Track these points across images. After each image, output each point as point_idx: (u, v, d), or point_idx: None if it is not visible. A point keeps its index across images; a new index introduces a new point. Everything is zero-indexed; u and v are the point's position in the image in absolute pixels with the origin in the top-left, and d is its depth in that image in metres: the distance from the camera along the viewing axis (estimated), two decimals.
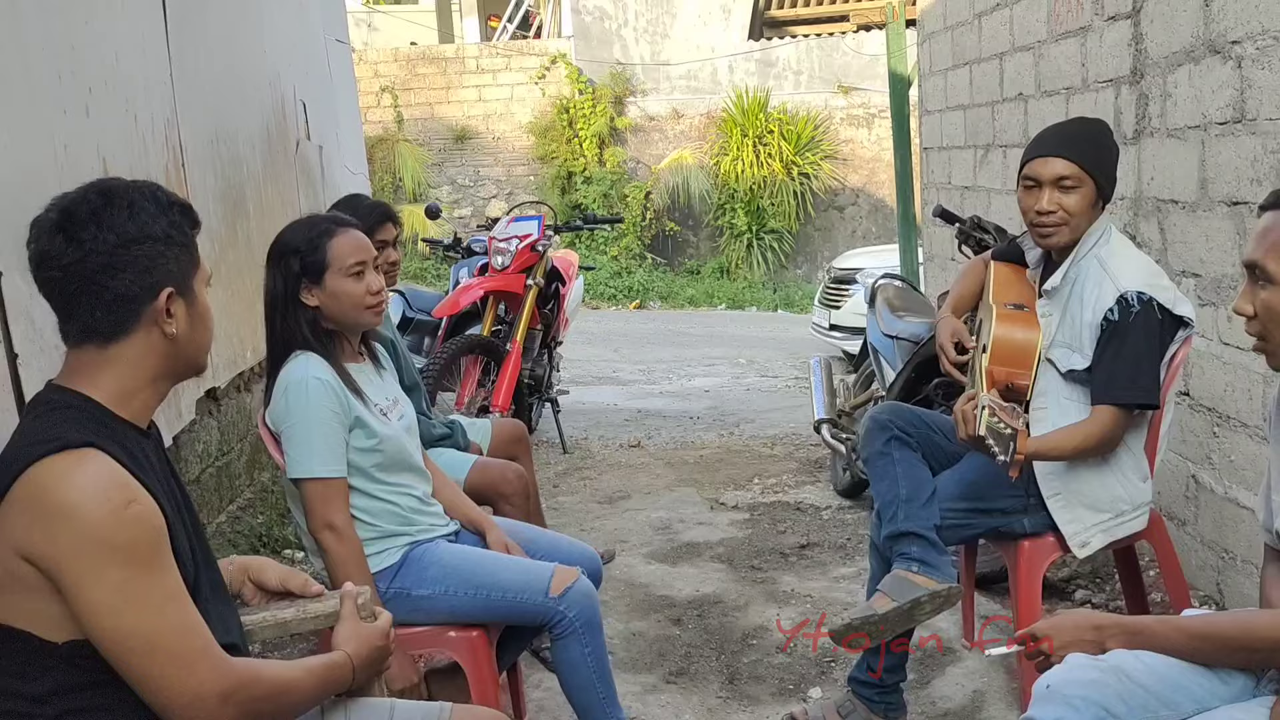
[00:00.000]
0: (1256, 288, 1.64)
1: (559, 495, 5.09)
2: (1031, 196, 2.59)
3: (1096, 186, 2.56)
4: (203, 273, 1.57)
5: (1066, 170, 2.54)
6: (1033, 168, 2.60)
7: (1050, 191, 2.56)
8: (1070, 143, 2.60)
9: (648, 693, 3.13)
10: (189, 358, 1.57)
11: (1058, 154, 2.57)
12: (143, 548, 1.38)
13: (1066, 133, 2.67)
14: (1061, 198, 2.55)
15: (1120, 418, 2.52)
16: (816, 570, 4.02)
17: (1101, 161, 2.58)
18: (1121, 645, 1.74)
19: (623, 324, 12.17)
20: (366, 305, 2.43)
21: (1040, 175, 2.57)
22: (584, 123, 14.24)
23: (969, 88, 5.16)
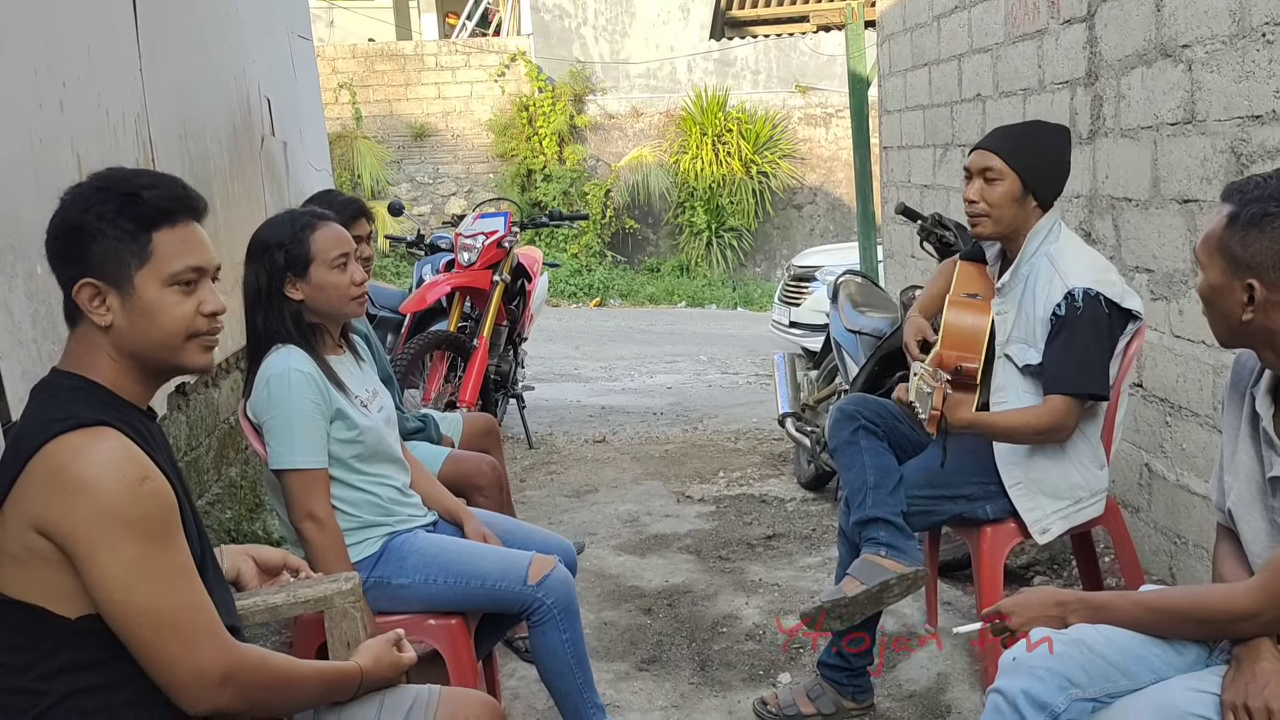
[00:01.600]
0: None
1: (526, 489, 5.13)
2: (967, 187, 2.72)
3: (1022, 184, 2.66)
4: (157, 269, 1.52)
5: (992, 163, 2.66)
6: (970, 159, 2.73)
7: (976, 181, 2.67)
8: (1004, 139, 2.72)
9: (621, 680, 3.19)
10: (142, 352, 1.54)
11: (988, 148, 2.69)
12: (156, 523, 1.42)
13: (1009, 131, 2.78)
14: (985, 189, 2.67)
15: (1070, 407, 2.61)
16: (783, 560, 4.10)
17: (1030, 160, 2.68)
18: (1083, 619, 1.82)
19: (583, 321, 12.22)
20: (351, 296, 2.47)
21: (972, 167, 2.71)
22: (544, 120, 14.25)
23: (928, 88, 5.27)
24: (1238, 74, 2.74)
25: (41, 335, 2.56)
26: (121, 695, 1.46)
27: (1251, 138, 2.71)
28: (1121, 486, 3.51)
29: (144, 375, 1.58)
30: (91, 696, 1.45)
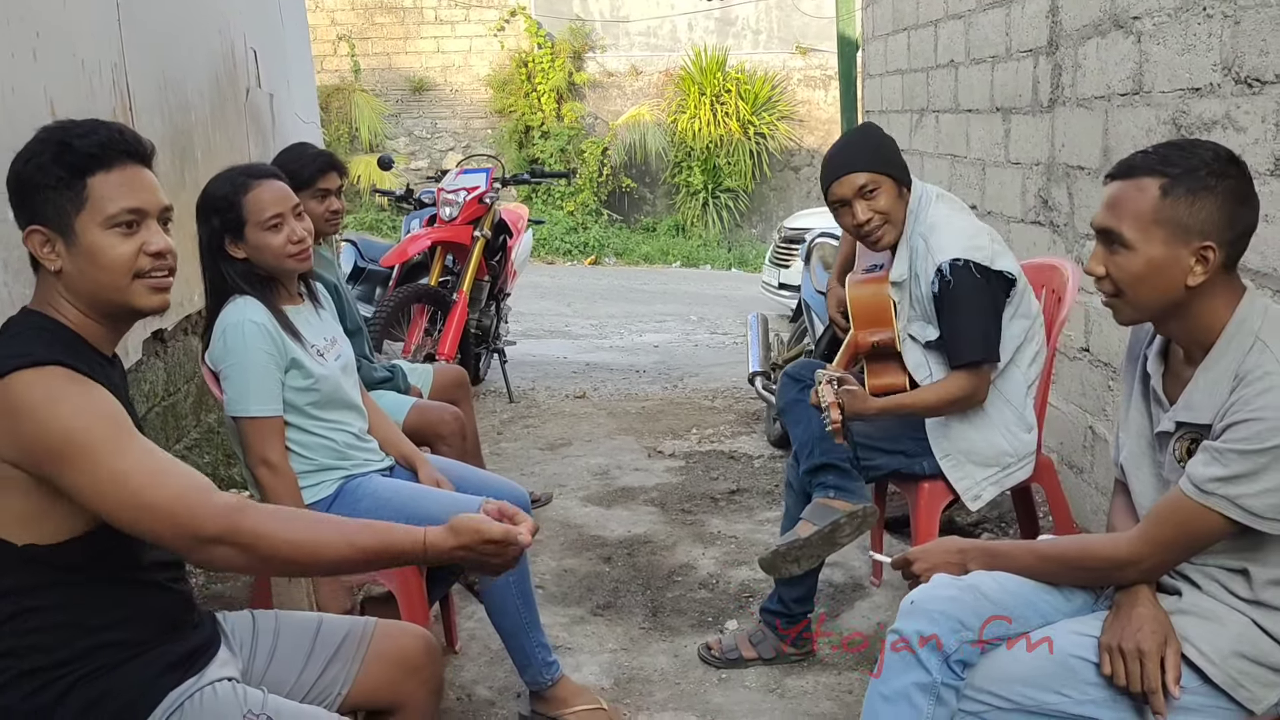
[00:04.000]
0: (1109, 251, 1.79)
1: (502, 442, 5.24)
2: (847, 215, 2.78)
3: (894, 180, 2.75)
4: (94, 213, 1.58)
5: (864, 180, 2.74)
6: (835, 191, 2.78)
7: (859, 203, 2.74)
8: (854, 155, 2.78)
9: (575, 624, 3.32)
10: (92, 294, 1.61)
11: (849, 169, 2.75)
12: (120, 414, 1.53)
13: (846, 149, 2.84)
14: (871, 204, 2.74)
15: (971, 376, 2.70)
16: (743, 514, 4.21)
17: (886, 158, 2.78)
18: (981, 566, 1.93)
19: (577, 279, 12.29)
20: (288, 254, 2.52)
21: (844, 194, 2.76)
22: (542, 77, 14.22)
23: (907, 53, 5.31)
24: (1181, 46, 2.80)
25: (13, 279, 2.66)
26: (58, 618, 1.57)
27: (1191, 109, 2.77)
28: (1068, 448, 3.61)
29: (102, 318, 1.65)
30: (32, 617, 1.56)
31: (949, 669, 1.80)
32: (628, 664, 3.07)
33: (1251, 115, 2.52)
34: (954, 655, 1.80)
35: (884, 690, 1.85)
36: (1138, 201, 1.74)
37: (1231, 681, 1.71)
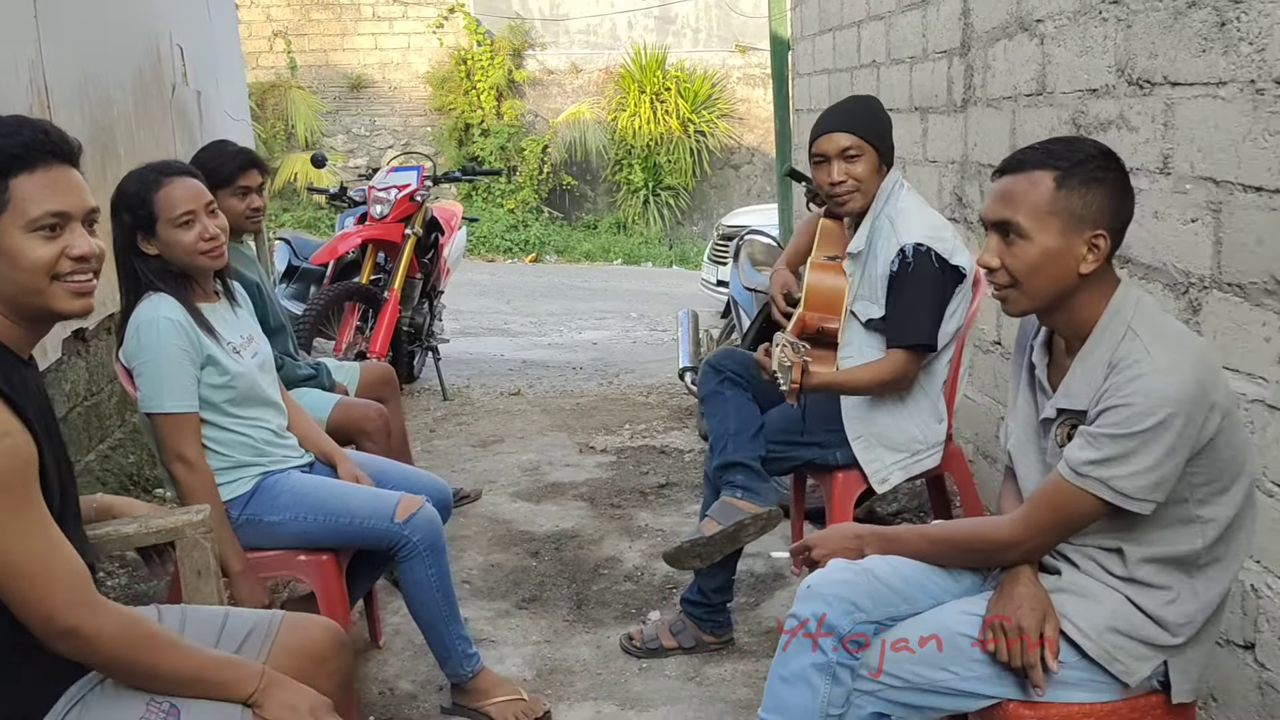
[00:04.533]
0: (1004, 243, 1.86)
1: (435, 439, 5.25)
2: (823, 171, 2.85)
3: (877, 153, 2.82)
4: (15, 216, 1.56)
5: (849, 142, 2.80)
6: (820, 145, 2.85)
7: (838, 163, 2.81)
8: (848, 117, 2.86)
9: (499, 617, 3.35)
10: (11, 296, 1.59)
11: (839, 129, 2.82)
12: (14, 479, 1.49)
13: (844, 110, 2.92)
14: (849, 167, 2.81)
15: (908, 359, 2.79)
16: (671, 507, 4.27)
17: (877, 131, 2.85)
18: (876, 551, 2.00)
19: (517, 277, 12.29)
20: (200, 251, 2.52)
21: (827, 150, 2.83)
22: (482, 74, 14.19)
23: (832, 53, 5.40)
24: (1079, 49, 2.90)
25: None
26: None
27: (1089, 109, 2.87)
28: (982, 438, 3.71)
29: (21, 320, 1.63)
30: None
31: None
32: (550, 655, 3.11)
33: (1143, 115, 2.62)
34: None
35: (783, 672, 1.91)
36: (1032, 194, 1.80)
37: (1107, 655, 1.79)
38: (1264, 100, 2.17)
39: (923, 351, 2.80)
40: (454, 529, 4.01)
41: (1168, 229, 2.55)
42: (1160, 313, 1.81)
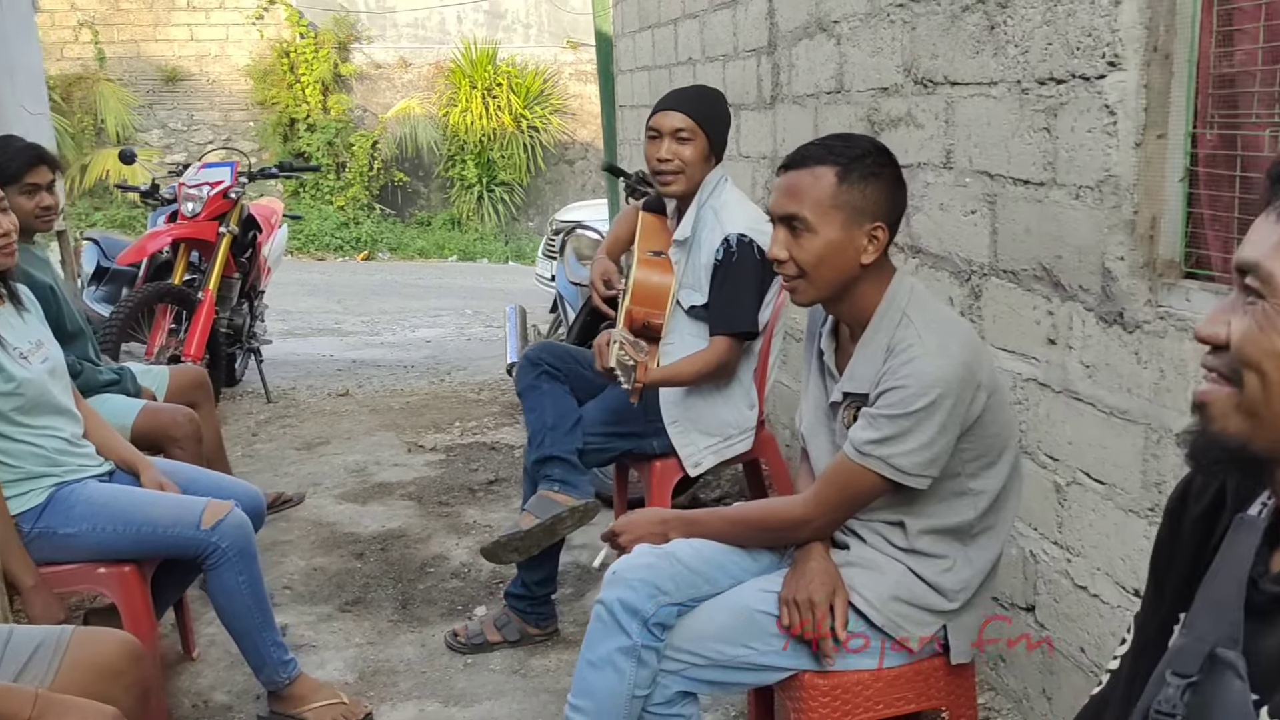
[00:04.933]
0: (792, 235, 1.94)
1: (257, 443, 5.10)
2: (654, 146, 2.91)
3: (708, 141, 2.89)
4: None
5: (683, 123, 2.87)
6: (656, 119, 2.91)
7: (669, 142, 2.87)
8: (688, 101, 2.93)
9: (321, 621, 3.29)
10: None
11: (676, 108, 2.89)
12: None
13: (687, 93, 3.00)
14: (678, 148, 2.87)
15: (731, 346, 2.88)
16: (500, 503, 4.27)
17: (713, 120, 2.92)
18: (680, 534, 2.06)
19: (349, 275, 12.02)
20: None
21: (661, 127, 2.89)
22: (306, 68, 13.78)
23: (651, 50, 5.49)
24: (871, 49, 3.04)
25: None
26: None
27: (881, 107, 3.02)
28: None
29: None
30: None
31: (649, 632, 1.92)
32: (374, 657, 3.07)
33: (928, 113, 2.77)
34: (652, 619, 1.92)
35: (590, 657, 1.95)
36: (816, 188, 1.88)
37: (891, 623, 1.90)
38: (1028, 99, 2.33)
39: (745, 339, 2.89)
40: (276, 534, 3.91)
41: (951, 220, 2.71)
42: (932, 299, 1.93)
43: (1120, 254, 2.09)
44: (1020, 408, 2.47)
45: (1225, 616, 0.97)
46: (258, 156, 13.36)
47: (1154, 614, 1.16)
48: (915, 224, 2.89)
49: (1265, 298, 0.90)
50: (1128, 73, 2.01)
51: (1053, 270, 2.30)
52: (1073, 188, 2.20)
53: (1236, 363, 0.91)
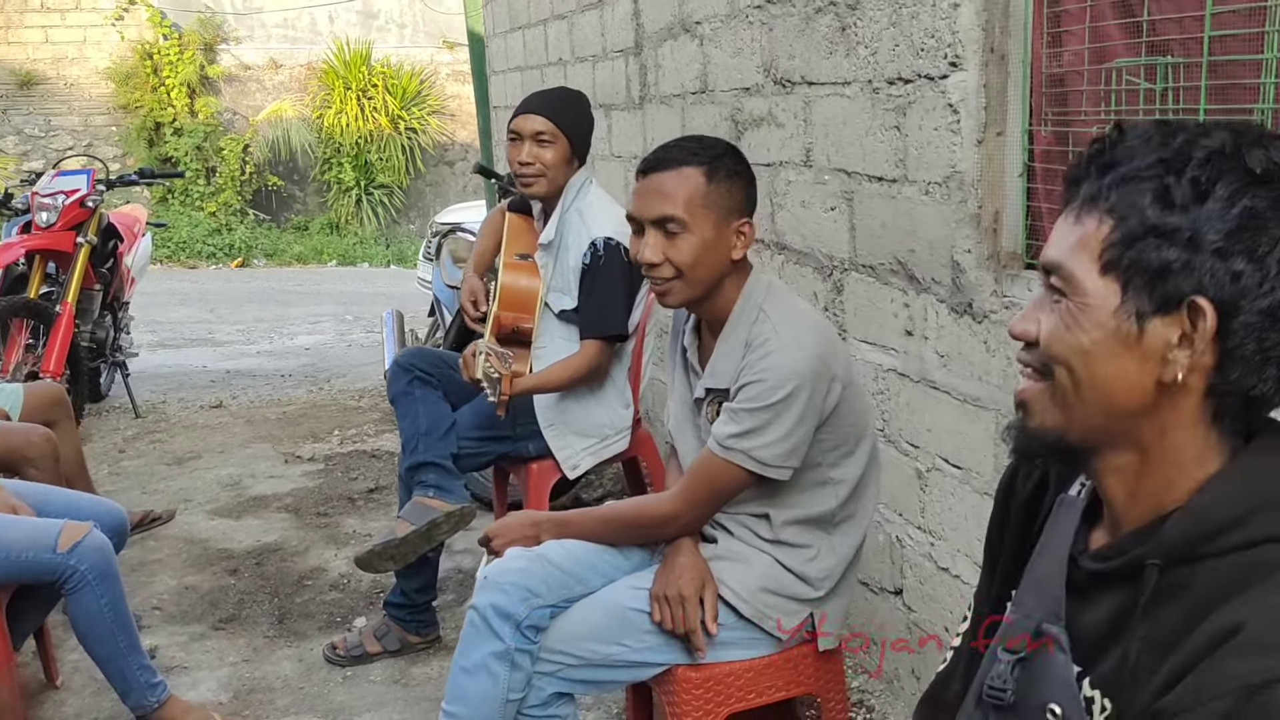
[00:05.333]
0: (665, 237, 1.93)
1: (124, 460, 4.92)
2: (515, 149, 2.91)
3: (570, 144, 2.90)
4: None
5: (544, 127, 2.87)
6: (516, 123, 2.91)
7: (529, 145, 2.87)
8: (549, 104, 2.94)
9: (193, 641, 3.20)
10: None
11: (536, 111, 2.89)
12: None
13: (547, 96, 3.01)
14: (539, 151, 2.88)
15: (602, 349, 2.89)
16: (381, 511, 4.21)
17: (573, 124, 2.93)
18: (553, 536, 2.06)
19: (223, 283, 11.67)
20: None
21: (521, 130, 2.89)
22: (170, 70, 13.31)
23: (523, 51, 5.48)
24: (733, 50, 3.09)
25: None
26: None
27: (744, 107, 3.07)
28: None
29: None
30: None
31: (522, 635, 1.92)
32: (249, 675, 3.00)
33: (787, 112, 2.83)
34: (525, 622, 1.93)
35: (464, 663, 1.95)
36: (686, 188, 1.90)
37: (759, 614, 1.94)
38: (879, 98, 2.40)
39: (615, 341, 2.90)
40: (144, 553, 3.79)
41: (813, 217, 2.77)
42: (788, 295, 1.98)
43: (967, 247, 2.17)
44: (882, 397, 2.55)
45: (1049, 593, 1.03)
46: (122, 162, 12.88)
47: (988, 593, 1.21)
48: (779, 221, 2.95)
49: (1068, 296, 0.95)
50: (968, 73, 2.10)
51: (907, 264, 2.38)
52: (922, 184, 2.28)
53: (1046, 358, 0.96)
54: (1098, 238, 0.93)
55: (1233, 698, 0.80)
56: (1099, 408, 0.95)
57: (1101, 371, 0.93)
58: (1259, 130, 0.92)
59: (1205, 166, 0.89)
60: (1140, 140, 0.93)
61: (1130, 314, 0.91)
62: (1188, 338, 0.90)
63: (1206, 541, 0.90)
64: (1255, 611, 0.84)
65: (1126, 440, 0.96)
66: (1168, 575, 0.92)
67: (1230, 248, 0.88)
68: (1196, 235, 0.88)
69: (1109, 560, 0.98)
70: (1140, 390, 0.93)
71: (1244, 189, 0.88)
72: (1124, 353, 0.92)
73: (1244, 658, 0.81)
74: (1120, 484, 0.98)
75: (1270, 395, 0.92)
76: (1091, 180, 0.96)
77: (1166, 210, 0.89)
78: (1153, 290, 0.90)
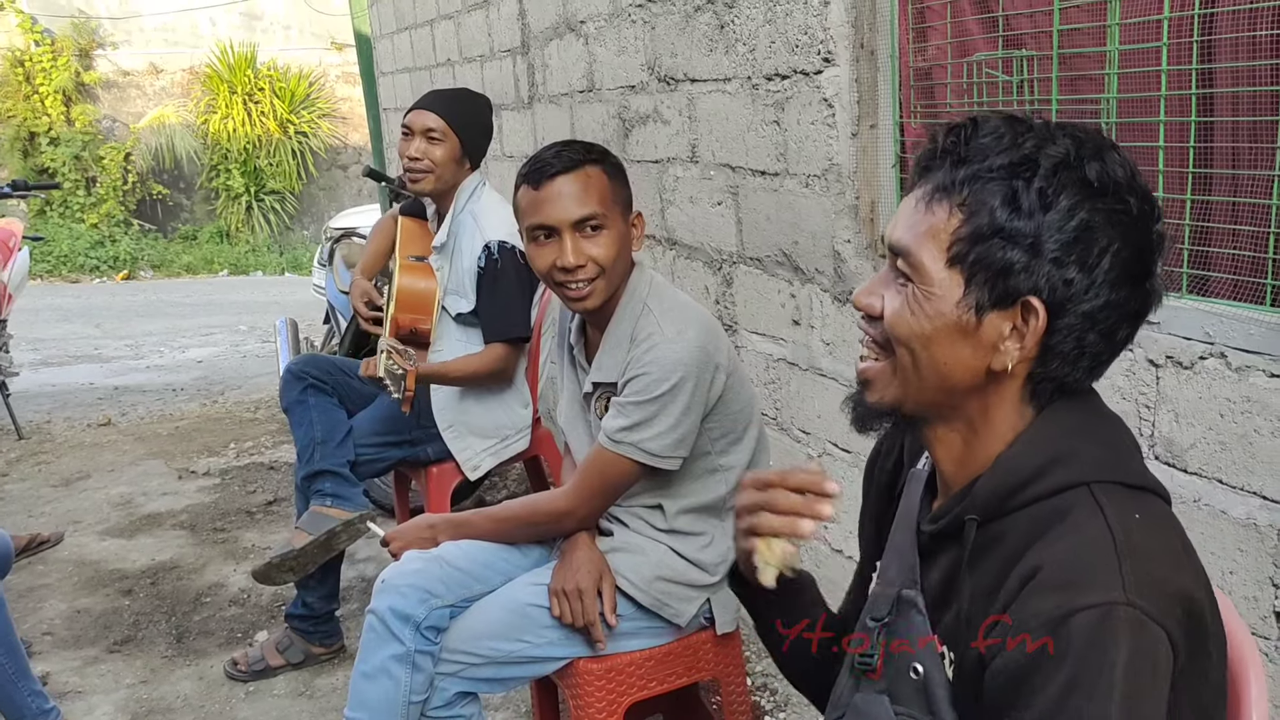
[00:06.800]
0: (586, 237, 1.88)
1: (8, 483, 4.75)
2: (405, 144, 2.90)
3: (460, 144, 2.90)
4: None
5: (435, 124, 2.87)
6: (409, 118, 2.91)
7: (419, 140, 2.87)
8: (444, 102, 2.93)
9: (87, 665, 3.11)
10: None
11: (429, 108, 2.89)
12: None
13: (444, 95, 3.00)
14: (428, 148, 2.87)
15: (508, 352, 2.90)
16: (281, 523, 4.14)
17: (467, 125, 2.92)
18: (449, 537, 2.07)
19: (108, 297, 11.30)
20: None
21: (413, 125, 2.89)
22: (44, 78, 12.83)
23: (411, 52, 5.43)
24: (617, 49, 3.12)
25: None
26: None
27: (630, 104, 3.11)
28: None
29: None
30: None
31: (422, 636, 1.92)
32: (147, 696, 2.93)
33: (672, 109, 2.88)
34: (425, 623, 1.93)
35: (364, 668, 1.94)
36: (597, 187, 1.90)
37: (657, 602, 1.97)
38: (759, 94, 2.46)
39: (520, 344, 2.91)
40: (32, 579, 3.66)
41: (701, 212, 2.82)
42: (670, 289, 2.01)
43: (847, 237, 2.24)
44: (773, 387, 2.61)
45: (904, 561, 1.09)
46: None
47: (861, 567, 1.26)
48: (669, 217, 2.99)
49: (914, 282, 1.00)
50: (840, 68, 2.16)
51: (792, 256, 2.44)
52: (803, 177, 2.34)
53: (889, 337, 1.02)
54: (947, 229, 0.98)
55: (1038, 633, 0.88)
56: (934, 386, 1.01)
57: (940, 355, 1.00)
58: (1099, 140, 0.98)
59: (1051, 178, 0.95)
60: (993, 137, 0.98)
61: (970, 306, 0.98)
62: (1018, 331, 0.97)
63: (1013, 495, 0.98)
64: (1052, 553, 0.92)
65: (954, 414, 1.03)
66: (986, 530, 1.00)
67: (1066, 257, 0.95)
68: (1038, 241, 0.95)
69: (938, 521, 1.05)
70: (972, 373, 1.00)
71: (1082, 201, 0.95)
72: (961, 340, 0.99)
73: (1043, 595, 0.90)
74: (947, 454, 1.06)
75: (1079, 381, 1.01)
76: (944, 170, 1.01)
77: (1014, 214, 0.95)
78: (993, 287, 0.97)
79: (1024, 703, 0.89)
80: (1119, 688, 0.85)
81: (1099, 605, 0.87)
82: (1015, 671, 0.90)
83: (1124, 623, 0.87)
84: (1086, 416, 1.02)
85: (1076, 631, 0.87)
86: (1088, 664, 0.86)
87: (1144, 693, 0.87)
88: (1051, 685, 0.87)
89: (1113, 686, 0.85)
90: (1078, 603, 0.87)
